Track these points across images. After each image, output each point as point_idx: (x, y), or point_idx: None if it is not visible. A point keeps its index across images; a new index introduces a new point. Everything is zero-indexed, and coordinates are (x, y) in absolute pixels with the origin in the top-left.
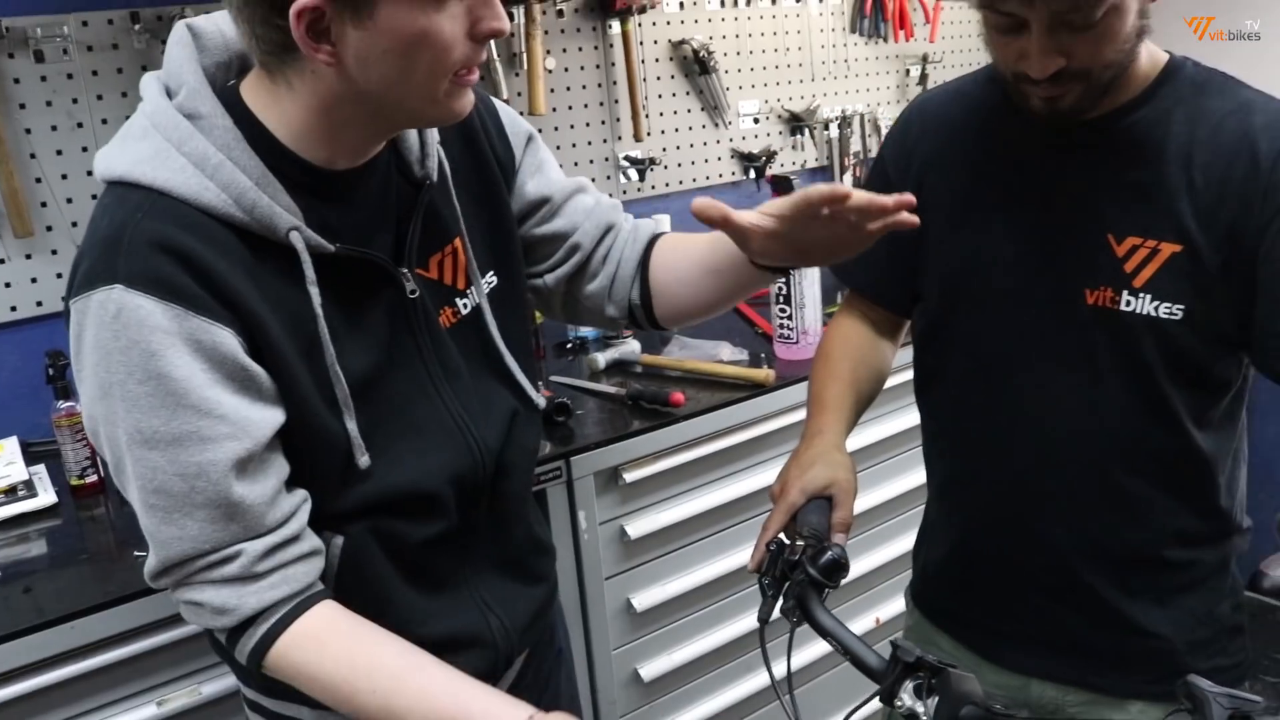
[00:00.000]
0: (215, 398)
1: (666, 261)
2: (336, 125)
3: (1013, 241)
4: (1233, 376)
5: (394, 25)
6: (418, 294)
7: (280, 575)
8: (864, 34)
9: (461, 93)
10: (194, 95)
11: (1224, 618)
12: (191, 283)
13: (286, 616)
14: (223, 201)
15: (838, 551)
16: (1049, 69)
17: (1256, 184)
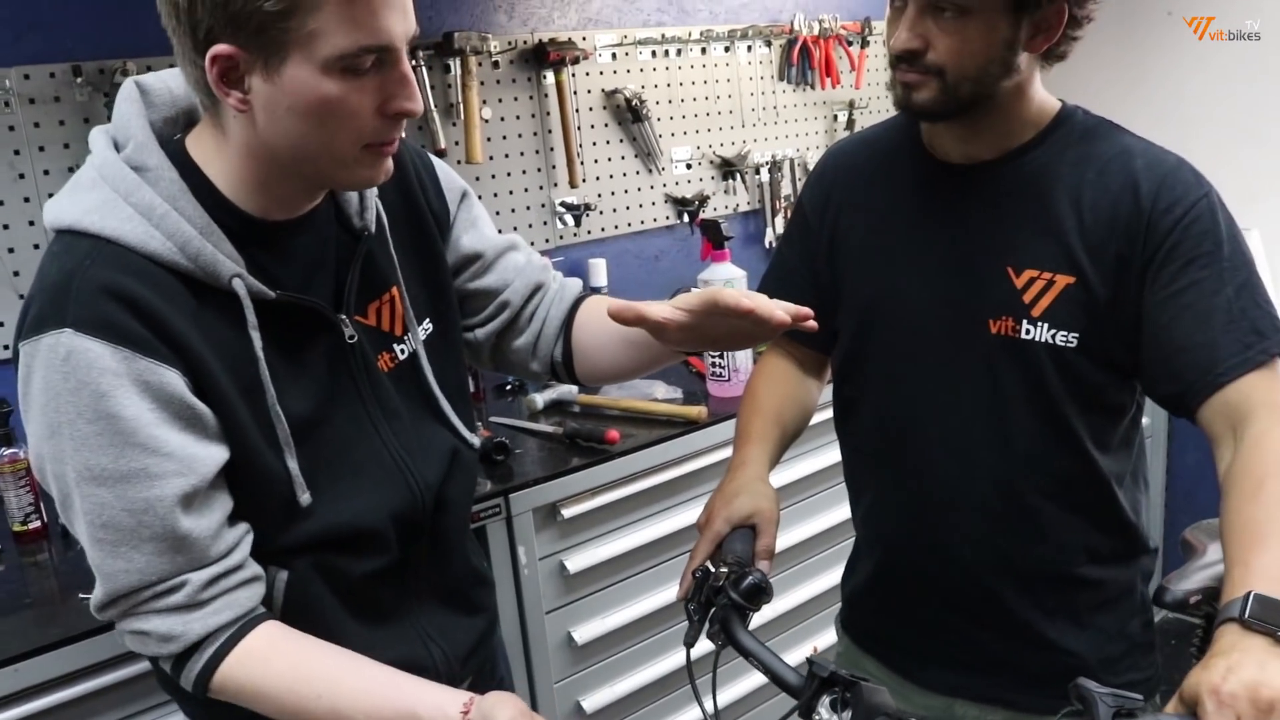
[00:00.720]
0: (162, 436)
1: (588, 325)
2: (266, 175)
3: (921, 276)
4: (1127, 402)
5: (298, 87)
6: (356, 339)
7: (224, 601)
8: (792, 81)
9: (375, 161)
10: (141, 149)
11: (1135, 635)
12: (138, 326)
13: (231, 639)
14: (168, 249)
15: (758, 576)
16: (907, 44)
17: (1139, 221)
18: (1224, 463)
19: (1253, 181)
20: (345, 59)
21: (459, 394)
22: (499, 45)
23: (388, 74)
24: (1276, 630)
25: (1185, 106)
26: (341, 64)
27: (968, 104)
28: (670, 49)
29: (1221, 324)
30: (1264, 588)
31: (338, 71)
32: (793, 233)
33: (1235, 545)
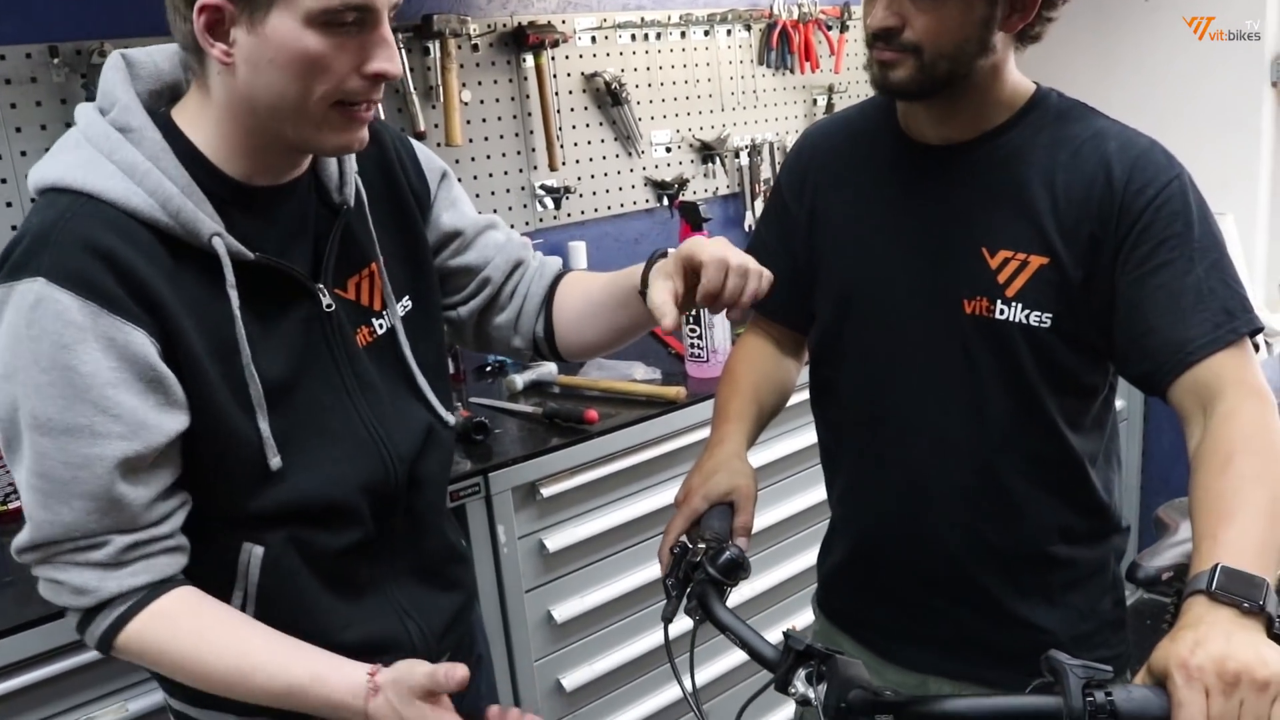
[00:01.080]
0: (115, 397)
1: (569, 299)
2: (246, 137)
3: (896, 256)
4: (1100, 382)
5: (280, 38)
6: (333, 308)
7: (143, 565)
8: (771, 65)
9: (350, 125)
10: (125, 110)
11: (1106, 613)
12: (113, 283)
13: (143, 600)
14: (149, 206)
15: (735, 552)
16: (884, 22)
17: (1112, 202)
18: (1194, 440)
19: (1226, 166)
20: (327, 13)
21: (436, 372)
22: (478, 28)
23: (368, 35)
24: (1243, 602)
25: (1160, 91)
26: (323, 18)
27: (944, 82)
28: (650, 32)
29: (1191, 304)
30: (1231, 560)
31: (319, 25)
32: (770, 213)
33: (1204, 519)
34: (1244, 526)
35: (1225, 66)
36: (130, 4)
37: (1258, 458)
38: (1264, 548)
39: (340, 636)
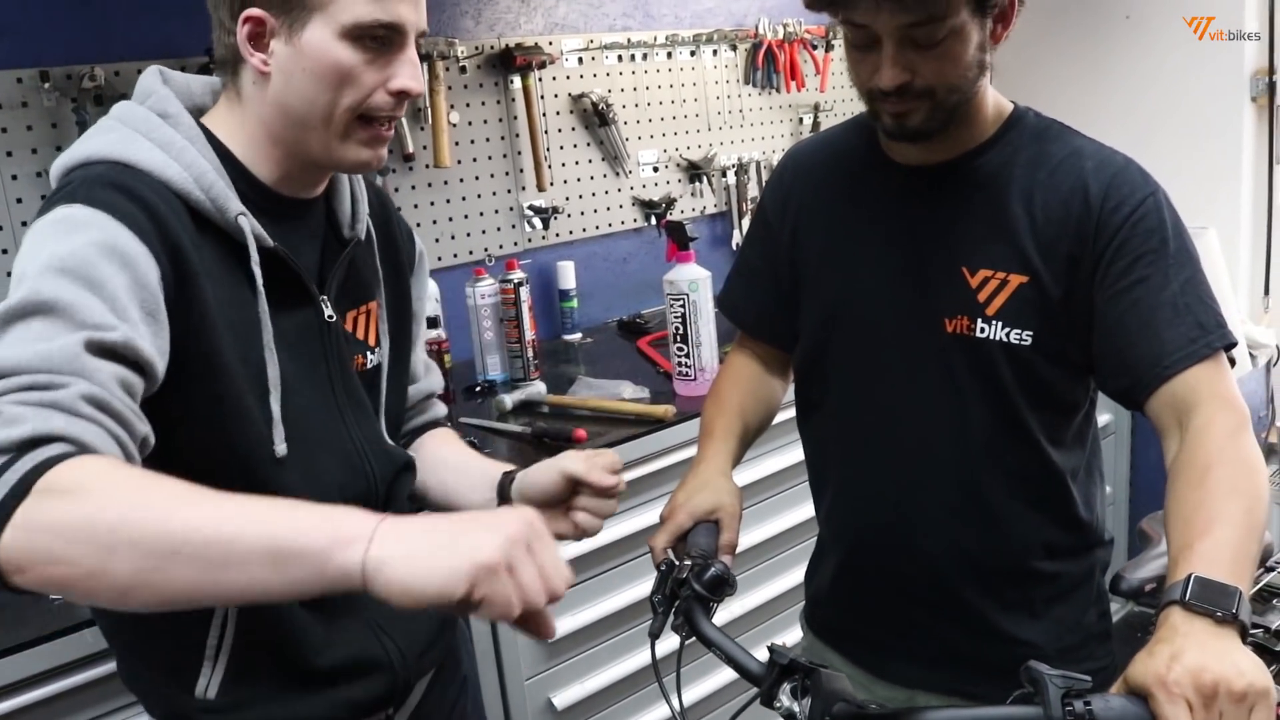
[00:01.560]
0: (126, 303)
1: (438, 454)
2: (276, 145)
3: (879, 276)
4: (1080, 398)
5: (315, 48)
6: (334, 319)
7: (100, 428)
8: (757, 85)
9: (372, 142)
10: (163, 100)
11: (1091, 625)
12: (144, 219)
13: (86, 449)
14: (183, 179)
15: (720, 568)
16: (897, 80)
17: (1089, 220)
18: (1171, 453)
19: (1209, 180)
20: (360, 28)
21: (394, 422)
22: (466, 50)
23: (395, 53)
24: (1217, 611)
25: (1144, 107)
26: (356, 32)
27: (955, 112)
28: (636, 53)
29: (1167, 319)
30: (1206, 570)
31: (352, 39)
32: (755, 233)
33: (1179, 531)
34: (1219, 537)
35: (1207, 82)
36: (121, 29)
37: (1232, 469)
38: (1238, 558)
39: (318, 659)
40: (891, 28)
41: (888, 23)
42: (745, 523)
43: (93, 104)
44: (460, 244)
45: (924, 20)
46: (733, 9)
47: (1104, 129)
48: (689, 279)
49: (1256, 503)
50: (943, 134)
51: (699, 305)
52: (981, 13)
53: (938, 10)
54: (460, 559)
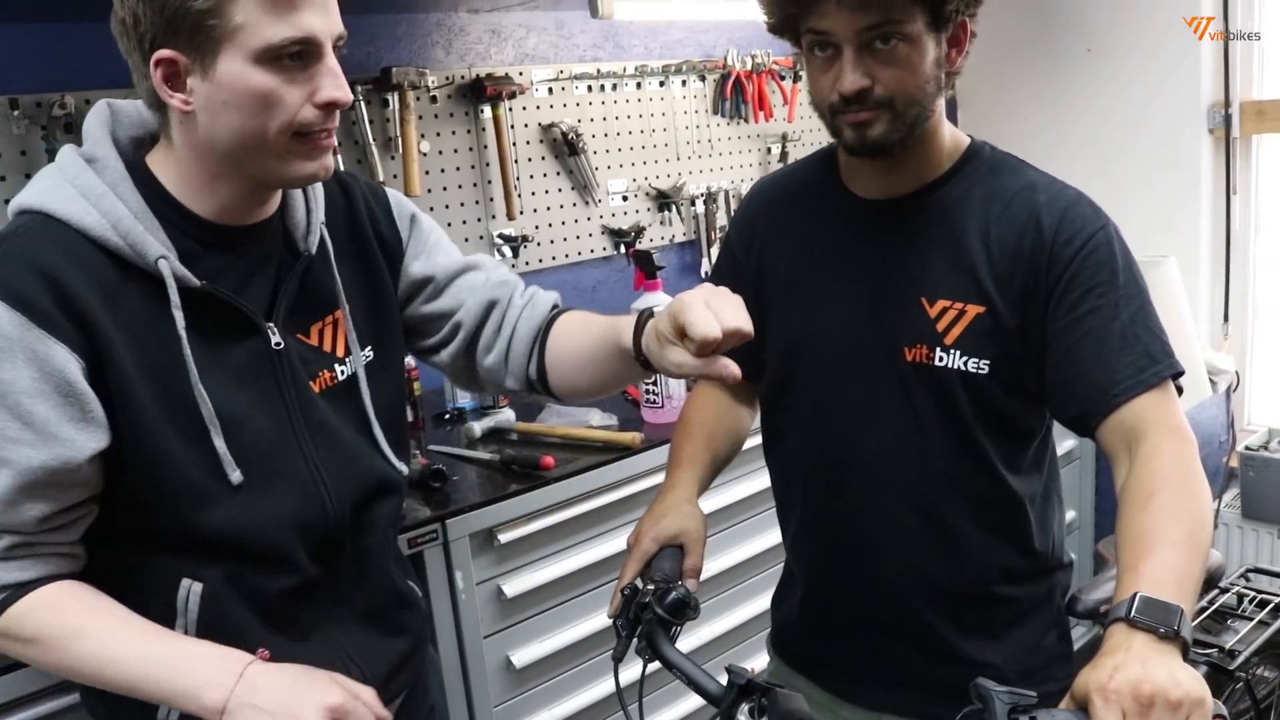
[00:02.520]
0: (30, 406)
1: (561, 342)
2: (212, 177)
3: (841, 307)
4: (1036, 426)
5: (231, 79)
6: (283, 347)
7: (32, 562)
8: (726, 115)
9: (312, 154)
10: (95, 143)
11: (1051, 647)
12: (46, 299)
13: (26, 587)
14: (100, 225)
15: (682, 592)
16: (858, 84)
17: (1042, 252)
18: (1120, 478)
19: (1168, 210)
20: (271, 50)
21: (393, 422)
22: (437, 80)
23: (314, 66)
24: (1159, 628)
25: (1105, 138)
26: (269, 55)
27: (915, 128)
28: (606, 83)
29: (1117, 349)
30: (1150, 590)
31: (266, 63)
32: (722, 266)
33: (1126, 552)
34: (1163, 559)
35: (1166, 114)
36: (90, 57)
37: (1177, 494)
38: (1181, 578)
39: None
40: (851, 32)
41: (848, 26)
42: (712, 549)
43: (63, 132)
44: None
45: (881, 22)
46: (702, 40)
47: (1066, 159)
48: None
49: (1199, 526)
50: (902, 151)
51: None
52: (937, 28)
53: (895, 12)
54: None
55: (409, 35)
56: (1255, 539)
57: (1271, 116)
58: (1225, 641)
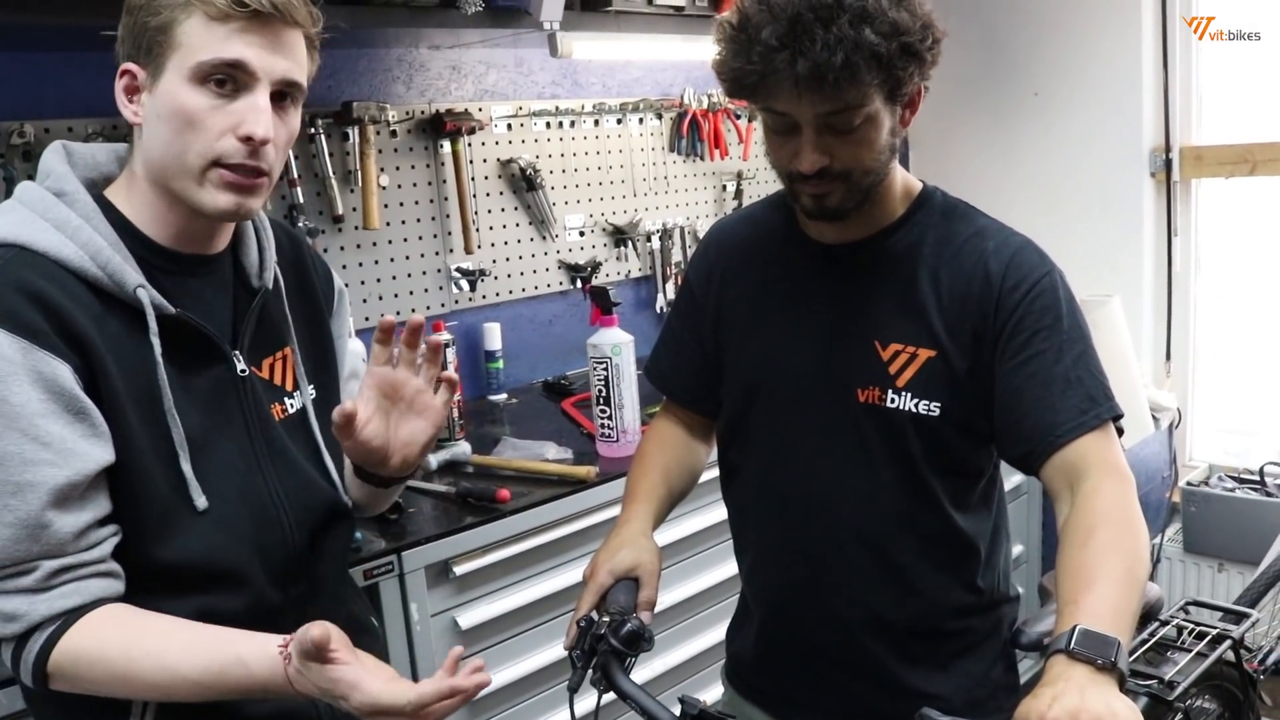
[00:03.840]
0: (45, 426)
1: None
2: (160, 200)
3: (796, 348)
4: (985, 465)
5: (166, 95)
6: (247, 374)
7: (73, 587)
8: (682, 153)
9: (228, 187)
10: (60, 179)
11: (998, 679)
12: (40, 320)
13: (71, 618)
14: (79, 256)
15: (636, 624)
16: (817, 164)
17: (990, 298)
18: (1062, 515)
19: (1112, 251)
20: (203, 68)
21: (338, 455)
22: (397, 115)
23: (245, 100)
24: (1097, 659)
25: (1051, 180)
26: (200, 73)
27: (870, 191)
28: (564, 120)
29: (1060, 391)
30: (1088, 623)
31: (199, 82)
32: (680, 305)
33: (1067, 587)
34: (1101, 593)
35: (1109, 157)
36: (51, 86)
37: (1115, 531)
38: (1119, 612)
39: (249, 710)
40: (811, 116)
41: (807, 111)
42: (668, 581)
43: (21, 160)
44: (388, 305)
45: (842, 109)
46: (659, 79)
47: (1013, 200)
48: (612, 343)
49: (1137, 562)
50: (857, 213)
51: (621, 368)
52: (893, 100)
53: (854, 99)
54: None
55: (370, 70)
56: (1196, 572)
57: (1210, 161)
58: (1165, 673)
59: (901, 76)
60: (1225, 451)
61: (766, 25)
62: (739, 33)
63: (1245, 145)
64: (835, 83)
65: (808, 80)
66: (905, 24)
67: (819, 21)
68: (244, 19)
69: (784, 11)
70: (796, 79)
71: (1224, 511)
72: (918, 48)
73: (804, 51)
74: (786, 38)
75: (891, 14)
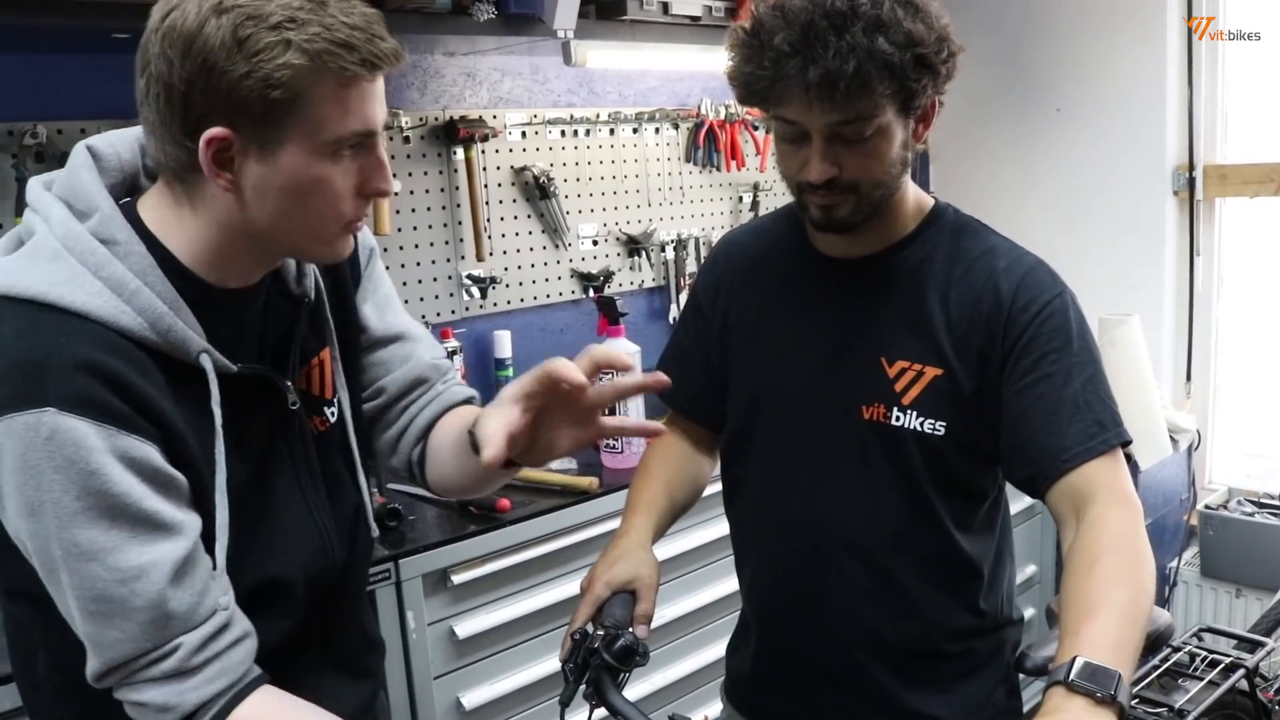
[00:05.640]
0: (150, 506)
1: (443, 430)
2: (231, 249)
3: (802, 363)
4: (989, 487)
5: (293, 168)
6: (298, 405)
7: (217, 667)
8: (698, 163)
9: (347, 238)
10: (108, 222)
11: (999, 703)
12: (120, 403)
13: (225, 708)
14: (139, 325)
15: (630, 639)
16: (825, 174)
17: (999, 318)
18: (1067, 542)
19: (1133, 269)
20: (341, 143)
21: (365, 458)
22: (410, 121)
23: (366, 158)
24: (1096, 692)
25: (1072, 197)
26: (335, 148)
27: (879, 205)
28: (579, 129)
29: (1068, 415)
30: (1090, 654)
31: (329, 155)
32: (688, 317)
33: (1069, 616)
34: (1103, 624)
35: (1132, 174)
36: (64, 87)
37: (1121, 559)
38: (1120, 643)
39: None
40: (821, 124)
41: (818, 120)
42: (667, 595)
43: (34, 160)
44: None
45: (852, 119)
46: (676, 89)
47: (1034, 217)
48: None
49: (1140, 592)
50: (866, 226)
51: None
52: (906, 113)
53: (866, 110)
54: None
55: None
56: (1214, 597)
57: (1234, 180)
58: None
59: (915, 88)
60: (1247, 475)
61: (779, 31)
62: (752, 38)
63: (1271, 165)
64: (846, 91)
65: (819, 88)
66: (920, 35)
67: (832, 29)
68: (369, 80)
69: (798, 18)
70: (808, 86)
71: (1243, 536)
72: (932, 60)
73: (816, 59)
74: (799, 44)
75: (907, 24)
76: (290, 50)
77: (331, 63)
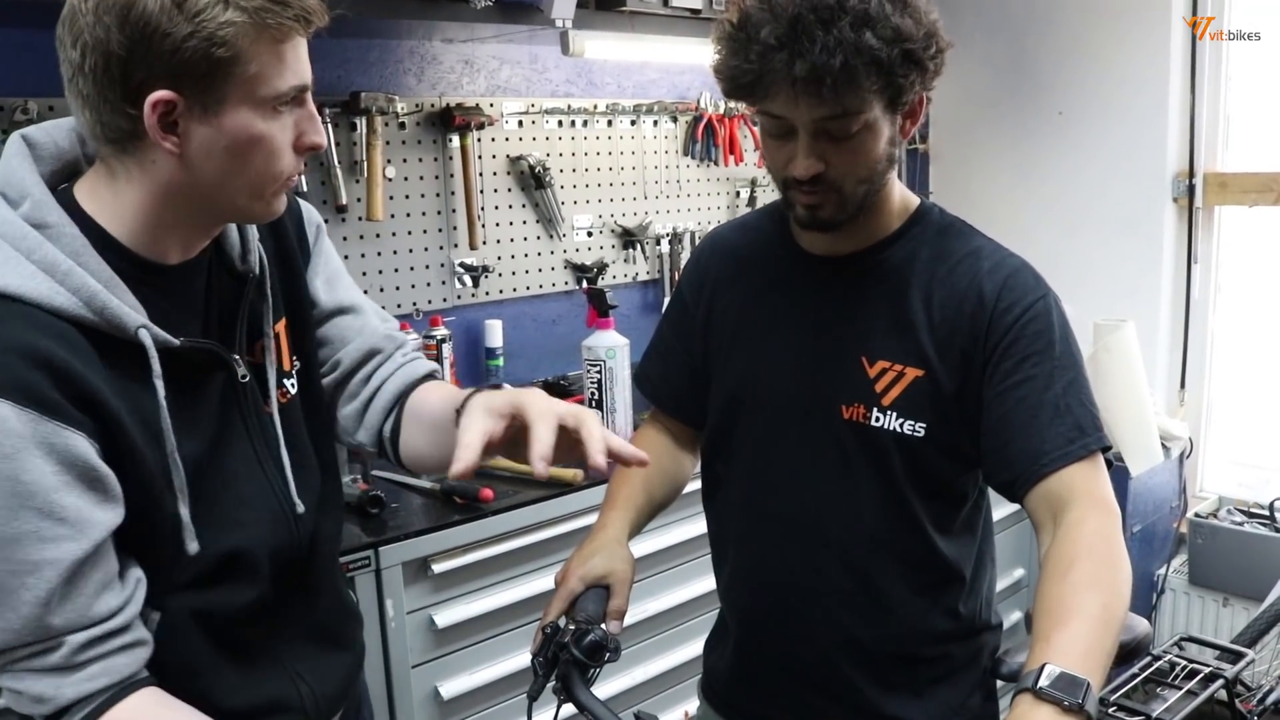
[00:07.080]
0: (60, 501)
1: (417, 406)
2: (170, 217)
3: (783, 360)
4: (969, 490)
5: (236, 126)
6: (248, 378)
7: (101, 666)
8: (696, 157)
9: (283, 196)
10: (40, 206)
11: (975, 708)
12: (50, 389)
13: (101, 706)
14: (74, 305)
15: (599, 634)
16: (811, 170)
17: (982, 320)
18: (1043, 546)
19: (1130, 275)
20: (280, 98)
21: (325, 429)
22: (406, 107)
23: (300, 111)
24: (1064, 700)
25: (1071, 201)
26: (278, 102)
27: (864, 202)
28: (577, 119)
29: (1048, 419)
30: (1059, 661)
31: (270, 111)
32: (672, 313)
33: (1041, 621)
34: (1075, 630)
35: (1132, 180)
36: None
37: (1096, 565)
38: (1090, 651)
39: (227, 703)
40: (807, 120)
41: (804, 115)
42: (645, 592)
43: None
44: (389, 297)
45: (839, 114)
46: (675, 82)
47: (1033, 220)
48: (607, 346)
49: (1115, 598)
50: (851, 224)
51: (615, 372)
52: (893, 109)
53: (852, 105)
54: None
55: (381, 61)
56: (1201, 605)
57: (1234, 188)
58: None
59: (902, 84)
60: (1239, 484)
61: (766, 24)
62: (738, 31)
63: (1271, 174)
64: (833, 86)
65: (805, 82)
66: (908, 30)
67: (819, 23)
68: (300, 35)
69: (784, 11)
70: (794, 80)
71: (1231, 545)
72: (920, 55)
73: (802, 53)
74: (785, 38)
75: (895, 19)
76: (230, 9)
77: (270, 19)
